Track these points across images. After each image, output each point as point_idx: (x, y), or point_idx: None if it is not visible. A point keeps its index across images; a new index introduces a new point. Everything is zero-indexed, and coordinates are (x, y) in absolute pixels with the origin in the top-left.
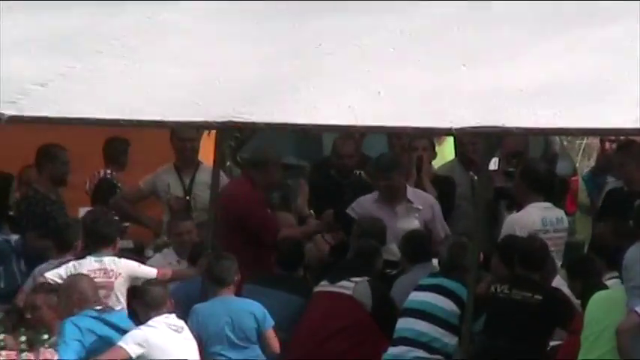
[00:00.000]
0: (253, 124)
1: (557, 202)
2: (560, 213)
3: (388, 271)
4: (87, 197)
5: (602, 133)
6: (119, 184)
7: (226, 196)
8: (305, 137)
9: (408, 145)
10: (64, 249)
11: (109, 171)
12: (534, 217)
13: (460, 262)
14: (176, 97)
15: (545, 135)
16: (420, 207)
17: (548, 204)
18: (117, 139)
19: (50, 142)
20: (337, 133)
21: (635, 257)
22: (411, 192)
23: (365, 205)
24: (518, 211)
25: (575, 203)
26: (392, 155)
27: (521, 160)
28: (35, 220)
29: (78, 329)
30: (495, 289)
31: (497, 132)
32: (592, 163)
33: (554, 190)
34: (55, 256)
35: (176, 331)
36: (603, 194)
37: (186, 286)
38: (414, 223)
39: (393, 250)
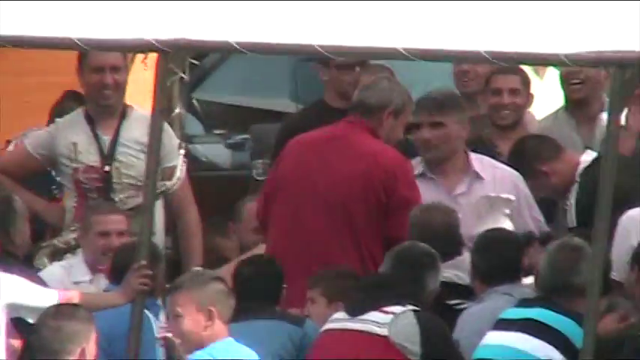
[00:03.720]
0: (224, 44)
1: None
2: None
3: (456, 303)
4: None
5: None
6: None
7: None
8: (306, 70)
9: (485, 85)
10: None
11: None
12: None
13: (571, 280)
14: (89, 9)
15: None
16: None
17: None
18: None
19: None
20: (364, 62)
21: None
22: (478, 160)
23: None
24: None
25: None
26: (449, 91)
27: None
28: None
29: None
30: None
31: (636, 61)
32: None
33: None
34: None
35: None
36: None
37: (105, 319)
38: (498, 215)
39: (465, 266)
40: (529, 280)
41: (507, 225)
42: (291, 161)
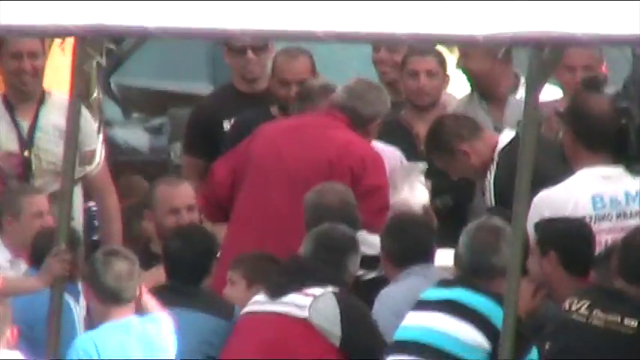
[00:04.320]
0: (141, 29)
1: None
2: (636, 185)
3: (361, 273)
4: None
5: None
6: None
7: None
8: (226, 53)
9: (401, 67)
10: None
11: None
12: (579, 193)
13: (491, 261)
14: None
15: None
16: None
17: (612, 169)
18: None
19: None
20: (283, 44)
21: None
22: None
23: None
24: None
25: None
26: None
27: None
28: None
29: None
30: (569, 308)
31: (553, 41)
32: None
33: (628, 144)
34: None
35: None
36: None
37: (25, 303)
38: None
39: (368, 240)
40: (444, 257)
41: (422, 192)
42: (262, 143)
